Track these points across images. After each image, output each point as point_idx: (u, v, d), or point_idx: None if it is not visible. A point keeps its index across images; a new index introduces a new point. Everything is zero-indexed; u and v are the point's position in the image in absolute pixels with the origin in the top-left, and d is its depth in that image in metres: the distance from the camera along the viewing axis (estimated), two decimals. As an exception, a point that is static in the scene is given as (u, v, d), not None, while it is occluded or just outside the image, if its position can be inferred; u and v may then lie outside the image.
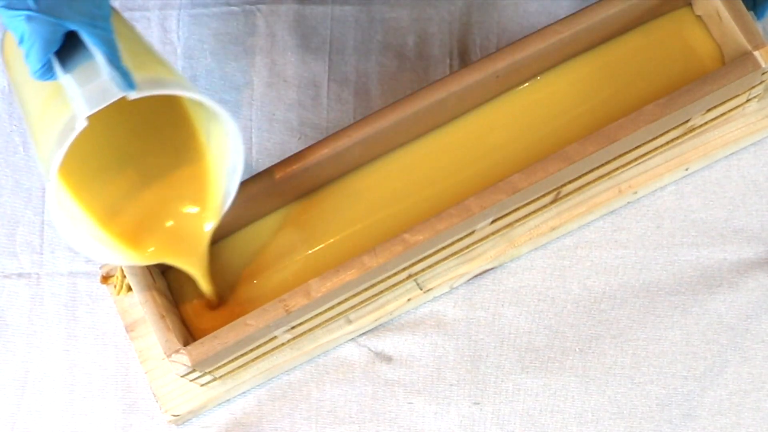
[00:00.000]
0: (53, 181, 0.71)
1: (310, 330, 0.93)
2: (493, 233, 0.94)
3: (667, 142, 0.94)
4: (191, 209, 0.84)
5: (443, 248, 0.90)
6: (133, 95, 0.69)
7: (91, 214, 0.81)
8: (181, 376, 0.87)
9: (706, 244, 0.96)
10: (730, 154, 0.98)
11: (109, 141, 0.81)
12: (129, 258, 0.83)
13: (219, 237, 0.92)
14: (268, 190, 0.89)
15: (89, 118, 0.69)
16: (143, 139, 0.82)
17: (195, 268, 0.86)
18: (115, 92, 0.69)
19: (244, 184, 0.89)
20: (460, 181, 0.93)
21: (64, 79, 0.70)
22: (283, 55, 1.04)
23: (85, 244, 0.79)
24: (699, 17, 0.94)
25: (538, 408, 0.94)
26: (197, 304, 0.91)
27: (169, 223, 0.84)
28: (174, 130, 0.82)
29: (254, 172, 0.96)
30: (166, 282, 0.91)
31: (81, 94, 0.69)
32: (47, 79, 0.71)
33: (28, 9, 0.67)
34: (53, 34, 0.69)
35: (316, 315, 0.89)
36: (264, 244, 0.93)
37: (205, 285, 0.88)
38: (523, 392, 0.95)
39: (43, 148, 0.73)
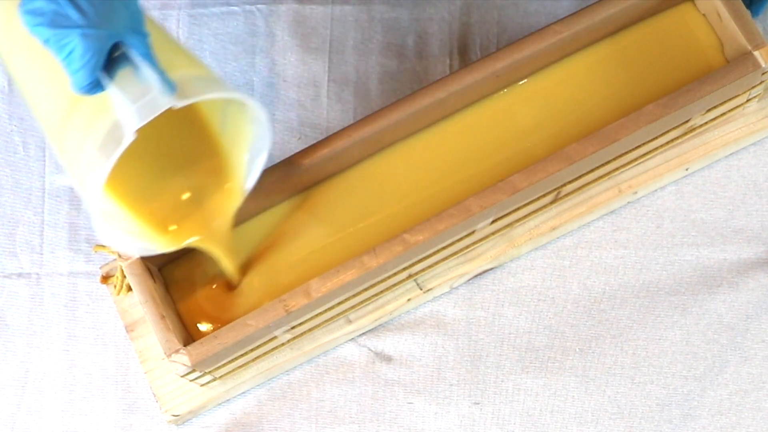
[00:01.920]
0: (99, 194, 0.72)
1: (310, 330, 0.93)
2: (493, 233, 0.94)
3: (668, 142, 0.94)
4: (214, 191, 0.86)
5: (443, 248, 0.90)
6: (179, 104, 0.69)
7: (124, 205, 0.82)
8: (181, 376, 0.87)
9: (706, 244, 0.96)
10: (730, 154, 0.98)
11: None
12: (158, 244, 0.84)
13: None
14: (267, 189, 0.89)
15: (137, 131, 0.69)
16: (159, 129, 0.82)
17: (219, 248, 0.87)
18: (164, 104, 0.69)
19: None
20: (459, 179, 0.93)
21: (113, 92, 0.69)
22: (283, 55, 1.04)
23: (118, 239, 0.81)
24: (703, 14, 0.95)
25: (538, 408, 0.94)
26: (196, 304, 0.91)
27: (193, 206, 0.85)
28: (186, 117, 0.83)
29: (254, 172, 0.97)
30: (165, 282, 0.91)
31: (133, 109, 0.68)
32: (94, 93, 0.69)
33: (79, 26, 0.65)
34: (103, 48, 0.67)
35: (316, 315, 0.89)
36: (259, 242, 0.92)
37: (229, 265, 0.89)
38: (523, 392, 0.94)
39: (73, 150, 0.73)
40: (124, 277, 0.91)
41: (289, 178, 0.90)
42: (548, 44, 0.91)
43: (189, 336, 0.88)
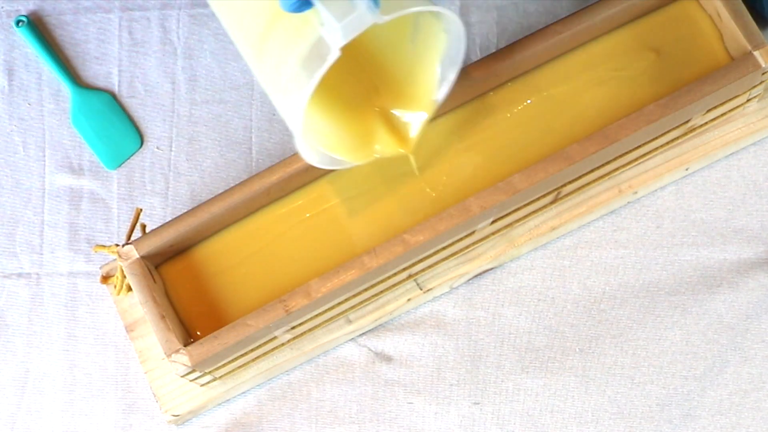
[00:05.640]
0: (302, 108, 0.72)
1: (310, 330, 0.93)
2: (493, 233, 0.94)
3: (668, 142, 0.94)
4: (405, 105, 0.86)
5: (443, 248, 0.90)
6: (383, 20, 0.70)
7: (324, 119, 0.83)
8: (181, 376, 0.87)
9: (706, 244, 0.96)
10: (730, 154, 0.98)
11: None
12: (353, 158, 0.85)
13: (215, 231, 0.92)
14: (268, 189, 0.89)
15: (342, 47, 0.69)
16: (355, 45, 0.81)
17: (410, 155, 0.88)
18: (369, 20, 0.69)
19: (243, 183, 0.89)
20: (460, 177, 0.93)
21: (320, 9, 0.69)
22: (283, 55, 1.04)
23: (315, 154, 0.82)
24: (704, 10, 0.94)
25: (538, 408, 0.94)
26: (196, 304, 0.91)
27: (385, 120, 0.86)
28: (379, 32, 0.82)
29: (254, 172, 0.97)
30: (164, 282, 0.91)
31: (338, 27, 0.69)
32: (302, 10, 0.69)
33: None
34: None
35: (316, 315, 0.89)
36: (258, 240, 0.92)
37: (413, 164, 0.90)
38: (523, 392, 0.95)
39: (273, 66, 0.74)
40: (124, 277, 0.91)
41: (289, 177, 0.90)
42: (548, 44, 0.91)
43: (189, 336, 0.89)
